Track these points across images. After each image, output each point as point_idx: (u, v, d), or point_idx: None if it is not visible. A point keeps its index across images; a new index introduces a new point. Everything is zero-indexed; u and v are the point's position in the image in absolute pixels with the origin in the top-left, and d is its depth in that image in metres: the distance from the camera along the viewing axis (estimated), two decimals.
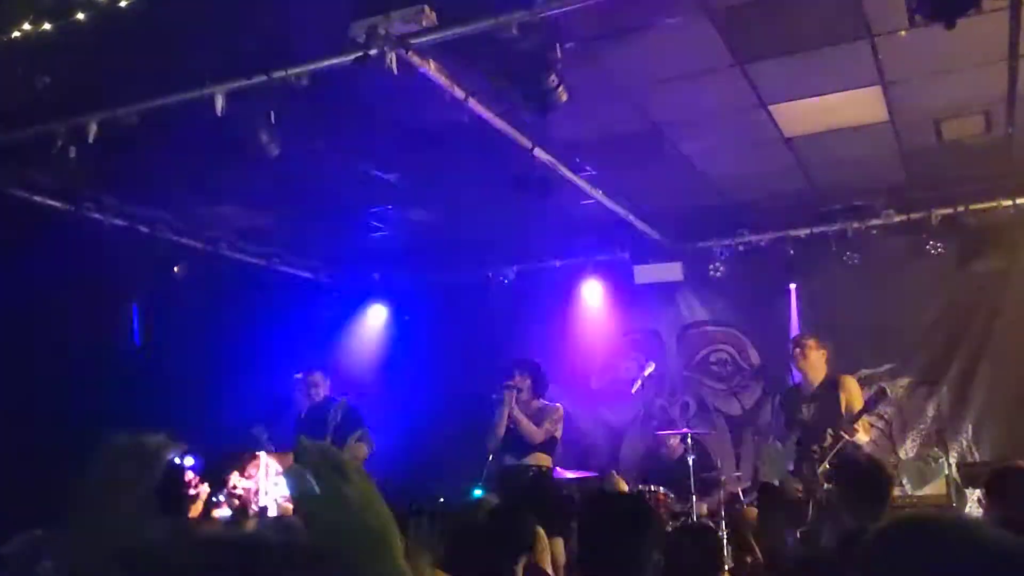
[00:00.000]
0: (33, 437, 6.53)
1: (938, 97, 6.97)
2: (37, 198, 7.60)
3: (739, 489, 8.63)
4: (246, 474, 6.32)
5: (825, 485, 6.46)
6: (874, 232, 9.09)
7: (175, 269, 8.82)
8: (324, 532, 1.08)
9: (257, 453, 7.02)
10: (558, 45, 5.24)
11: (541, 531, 5.00)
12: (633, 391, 8.90)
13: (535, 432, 7.35)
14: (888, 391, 7.13)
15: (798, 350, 7.48)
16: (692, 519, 7.93)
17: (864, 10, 5.70)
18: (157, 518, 1.14)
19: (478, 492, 7.94)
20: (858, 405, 7.02)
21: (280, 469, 6.52)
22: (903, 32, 5.89)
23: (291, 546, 1.06)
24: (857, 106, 7.12)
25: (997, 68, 6.51)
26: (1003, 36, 6.03)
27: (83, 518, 1.10)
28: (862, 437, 6.88)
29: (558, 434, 7.58)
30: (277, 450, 7.37)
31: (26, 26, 5.08)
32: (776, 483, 7.47)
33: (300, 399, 8.58)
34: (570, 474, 8.50)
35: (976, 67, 6.50)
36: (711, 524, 7.14)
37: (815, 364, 7.39)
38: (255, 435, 7.84)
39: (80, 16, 5.09)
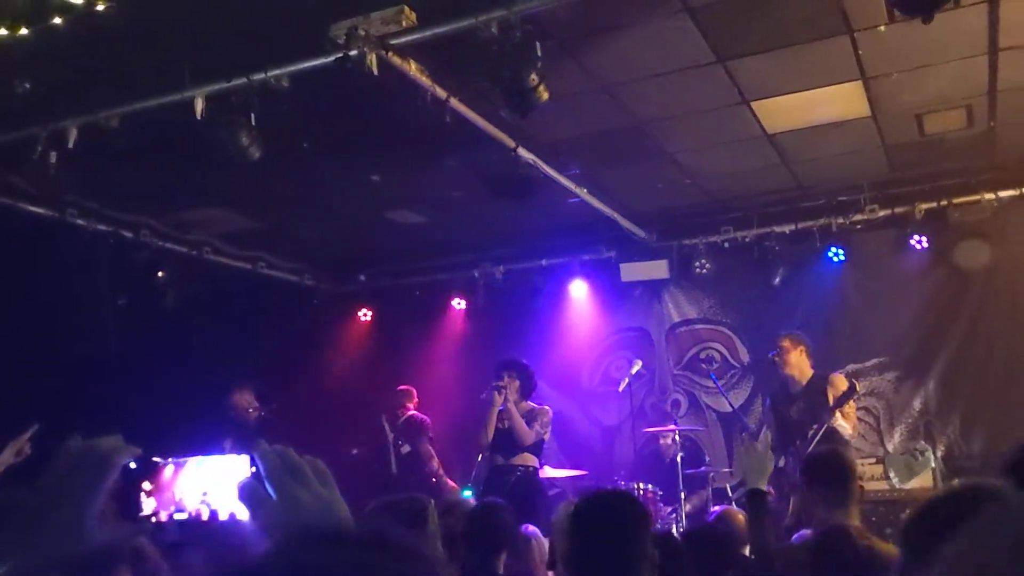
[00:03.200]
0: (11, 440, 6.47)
1: (919, 92, 6.98)
2: (20, 204, 7.56)
3: (727, 485, 8.63)
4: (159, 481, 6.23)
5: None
6: (858, 227, 9.12)
7: (159, 274, 8.78)
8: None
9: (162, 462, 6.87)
10: (538, 44, 5.23)
11: (536, 533, 5.01)
12: (621, 389, 8.90)
13: (527, 432, 7.34)
14: (857, 387, 7.08)
15: (776, 356, 7.44)
16: (681, 517, 7.94)
17: (843, 6, 5.71)
18: (109, 522, 1.12)
19: (467, 493, 7.94)
20: None
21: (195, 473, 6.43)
22: (883, 27, 5.91)
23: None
24: (839, 101, 7.14)
25: (977, 62, 6.53)
26: (982, 30, 6.06)
27: (30, 525, 1.09)
28: (844, 425, 6.85)
29: (546, 436, 7.58)
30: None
31: (2, 31, 5.05)
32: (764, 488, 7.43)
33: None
34: (562, 473, 8.50)
35: (956, 61, 6.52)
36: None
37: (796, 363, 7.36)
38: (224, 448, 7.79)
39: (57, 20, 5.06)
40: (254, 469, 1.14)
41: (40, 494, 1.10)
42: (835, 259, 9.24)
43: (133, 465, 1.16)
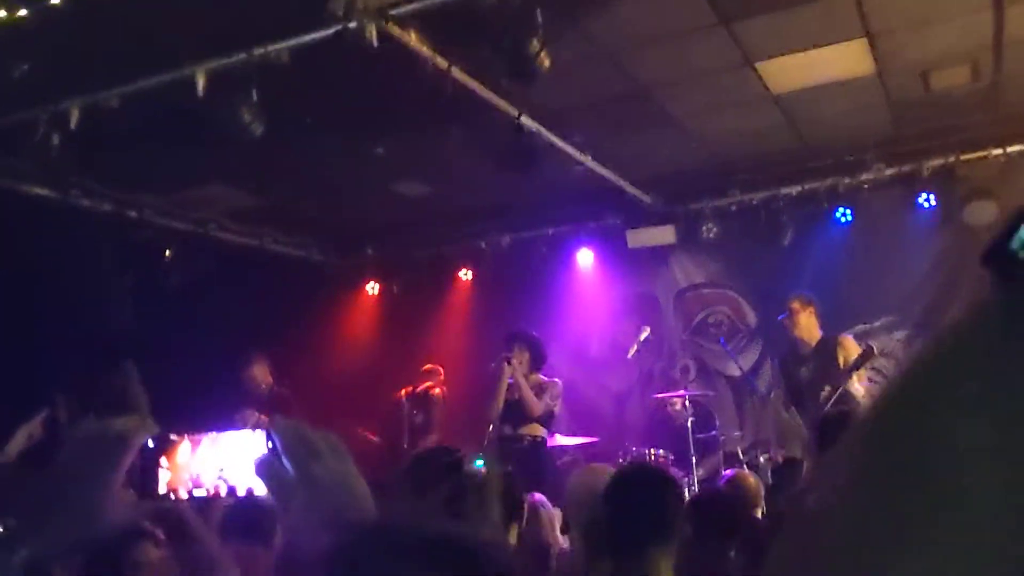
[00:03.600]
0: (23, 423, 6.50)
1: (924, 48, 6.92)
2: (23, 186, 7.56)
3: (738, 449, 8.64)
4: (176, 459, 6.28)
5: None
6: (865, 186, 9.07)
7: (165, 253, 8.79)
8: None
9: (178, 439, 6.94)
10: (539, 10, 5.19)
11: (544, 500, 5.02)
12: (630, 356, 8.90)
13: (535, 403, 7.35)
14: (875, 350, 7.08)
15: (786, 318, 7.44)
16: (694, 481, 7.97)
17: None
18: (125, 502, 1.13)
19: (479, 462, 7.95)
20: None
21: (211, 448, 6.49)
22: None
23: None
24: (843, 59, 7.08)
25: (982, 16, 6.46)
26: None
27: (49, 507, 1.09)
28: (858, 388, 6.87)
29: (556, 409, 7.59)
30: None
31: (1, 13, 5.02)
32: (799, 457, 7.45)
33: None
34: (573, 441, 8.53)
35: (961, 16, 6.45)
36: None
37: (806, 325, 7.37)
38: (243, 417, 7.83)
39: (55, 1, 5.03)
40: (271, 444, 1.14)
41: (57, 476, 1.10)
42: (843, 219, 9.21)
43: (151, 443, 1.16)
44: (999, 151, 8.54)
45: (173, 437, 1.23)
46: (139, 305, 8.35)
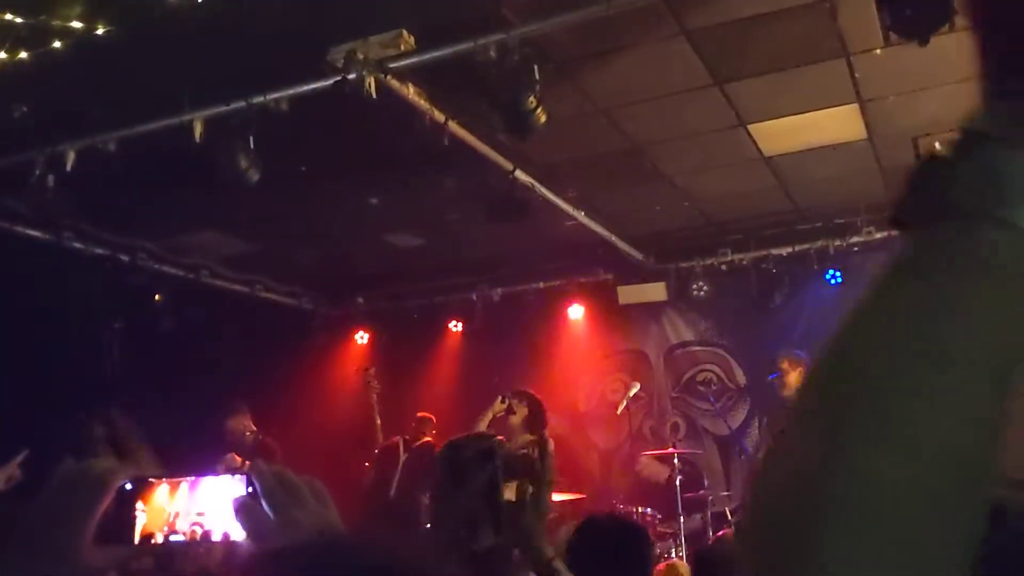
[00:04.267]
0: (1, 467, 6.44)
1: (916, 115, 7.00)
2: (17, 228, 7.56)
3: (727, 509, 8.59)
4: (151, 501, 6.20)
5: None
6: (855, 249, 9.13)
7: (156, 297, 8.77)
8: None
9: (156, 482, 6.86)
10: (536, 67, 5.26)
11: None
12: (618, 412, 8.87)
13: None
14: None
15: (777, 378, 7.44)
16: (680, 540, 7.90)
17: (840, 29, 5.74)
18: (101, 547, 1.11)
19: None
20: None
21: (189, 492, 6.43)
22: (879, 50, 5.94)
23: None
24: (835, 124, 7.17)
25: (971, 84, 6.53)
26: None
27: (25, 548, 1.08)
28: None
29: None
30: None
31: (2, 55, 5.06)
32: None
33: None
34: (558, 497, 8.44)
35: (951, 84, 6.54)
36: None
37: (795, 384, 7.37)
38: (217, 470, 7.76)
39: (57, 44, 5.08)
40: (250, 489, 1.13)
41: (34, 517, 1.09)
42: (833, 281, 9.25)
43: (129, 486, 1.15)
44: None
45: (151, 480, 1.22)
46: (127, 348, 8.30)
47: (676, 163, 7.86)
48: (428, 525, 7.73)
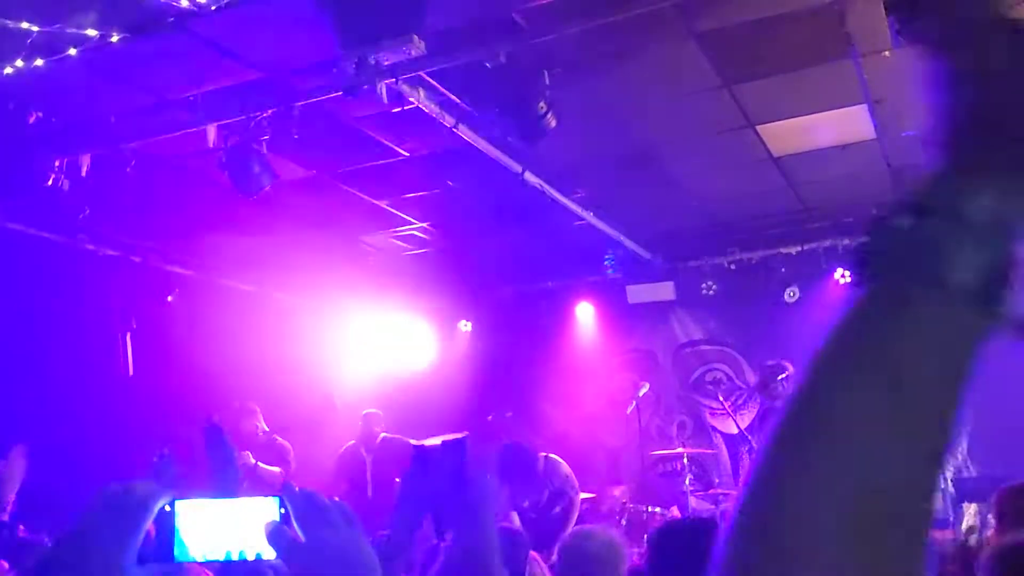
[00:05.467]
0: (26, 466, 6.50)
1: (924, 115, 7.01)
2: (31, 230, 7.61)
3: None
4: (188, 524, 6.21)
5: None
6: None
7: (168, 298, 8.83)
8: None
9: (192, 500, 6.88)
10: (546, 72, 5.29)
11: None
12: (628, 412, 8.91)
13: None
14: None
15: (783, 384, 7.43)
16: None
17: (848, 31, 5.75)
18: (143, 568, 1.16)
19: None
20: None
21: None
22: (887, 52, 5.95)
23: None
24: (844, 125, 7.18)
25: None
26: None
27: (66, 571, 1.13)
28: None
29: None
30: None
31: (19, 62, 5.12)
32: None
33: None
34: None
35: None
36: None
37: None
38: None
39: (72, 52, 5.13)
40: (283, 511, 1.18)
41: (77, 538, 1.14)
42: (841, 280, 9.25)
43: (168, 507, 1.20)
44: None
45: (191, 501, 1.26)
46: (140, 349, 8.36)
47: (685, 164, 7.88)
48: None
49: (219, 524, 1.24)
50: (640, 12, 5.06)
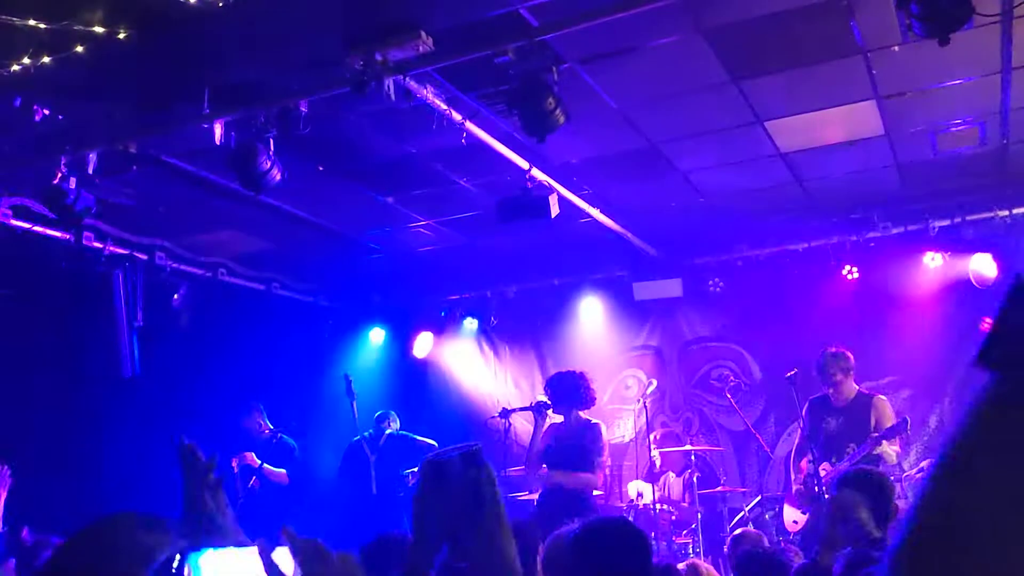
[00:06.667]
0: (31, 464, 6.51)
1: (933, 110, 7.00)
2: (37, 228, 7.60)
3: (743, 505, 8.60)
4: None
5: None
6: (871, 244, 9.12)
7: (175, 296, 8.83)
8: None
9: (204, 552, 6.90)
10: (555, 68, 5.27)
11: None
12: (636, 410, 8.88)
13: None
14: (908, 425, 7.00)
15: (840, 372, 7.30)
16: (699, 537, 7.92)
17: (858, 26, 5.73)
18: None
19: None
20: (889, 425, 6.98)
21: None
22: (896, 47, 5.93)
23: None
24: (852, 121, 7.15)
25: (990, 80, 6.54)
26: (995, 49, 6.07)
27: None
28: (889, 453, 6.83)
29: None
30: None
31: (25, 59, 5.10)
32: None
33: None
34: None
35: (970, 80, 6.53)
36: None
37: (850, 380, 7.34)
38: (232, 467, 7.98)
39: (79, 49, 5.12)
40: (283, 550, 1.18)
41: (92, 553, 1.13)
42: (849, 276, 9.23)
43: (179, 556, 1.19)
44: (1004, 212, 8.60)
45: (201, 549, 1.26)
46: (146, 347, 8.35)
47: (692, 160, 7.86)
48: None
49: (217, 571, 1.23)
50: (649, 8, 5.03)
